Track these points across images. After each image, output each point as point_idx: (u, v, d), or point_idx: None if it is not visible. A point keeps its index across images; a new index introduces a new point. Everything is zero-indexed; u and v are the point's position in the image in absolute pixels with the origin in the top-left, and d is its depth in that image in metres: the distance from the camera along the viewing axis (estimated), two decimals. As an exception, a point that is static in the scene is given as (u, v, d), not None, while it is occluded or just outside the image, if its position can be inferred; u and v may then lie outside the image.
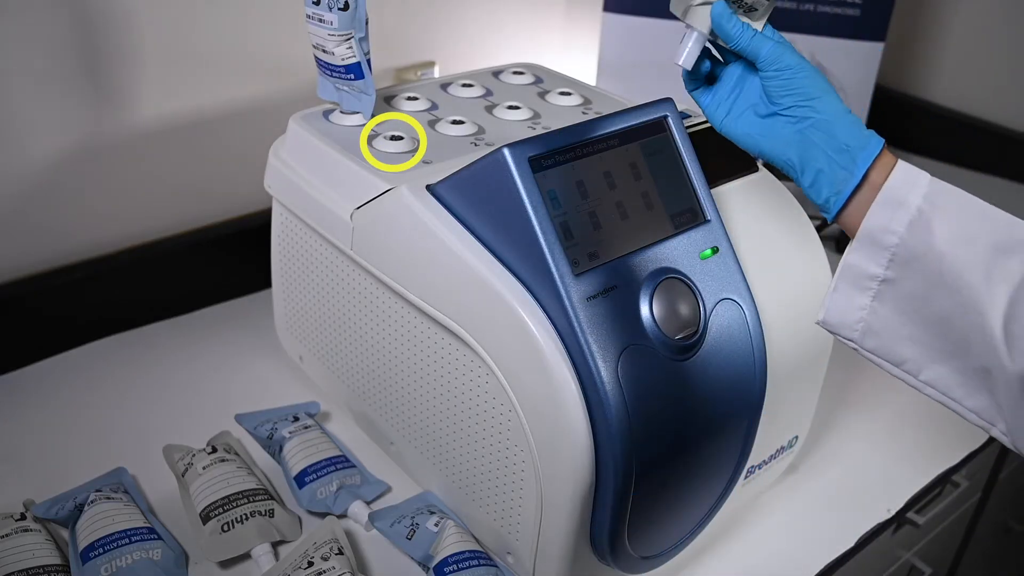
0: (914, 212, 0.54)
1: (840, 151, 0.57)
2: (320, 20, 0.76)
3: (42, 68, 0.91)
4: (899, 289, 0.55)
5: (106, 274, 1.02)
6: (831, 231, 1.30)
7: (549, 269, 0.62)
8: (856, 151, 0.57)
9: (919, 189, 0.54)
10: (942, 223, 0.53)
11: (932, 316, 0.54)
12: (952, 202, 0.54)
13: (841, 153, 0.57)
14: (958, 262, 0.52)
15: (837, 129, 0.57)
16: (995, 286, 0.50)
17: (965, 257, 0.52)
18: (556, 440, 0.63)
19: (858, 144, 0.57)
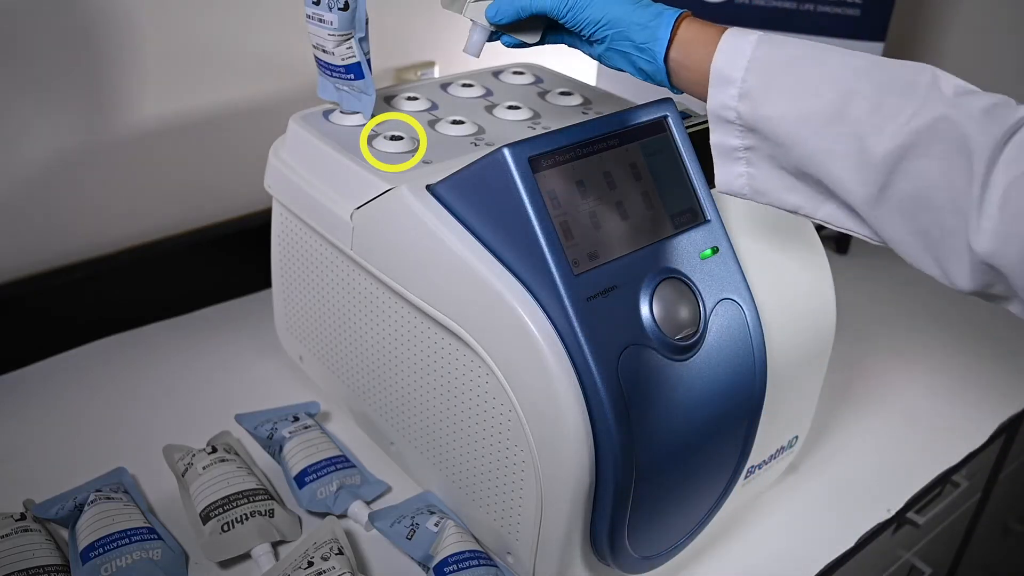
0: (740, 86, 0.58)
1: (641, 51, 0.64)
2: (320, 20, 0.76)
3: (42, 68, 0.91)
4: (762, 151, 0.60)
5: (106, 274, 1.02)
6: (831, 231, 1.30)
7: (549, 269, 0.62)
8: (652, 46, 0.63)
9: (741, 61, 0.58)
10: (766, 90, 0.57)
11: (798, 168, 0.58)
12: (771, 65, 0.58)
13: (643, 51, 0.64)
14: (787, 121, 0.56)
15: (632, 33, 0.63)
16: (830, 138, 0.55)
17: (795, 113, 0.56)
18: (556, 440, 0.63)
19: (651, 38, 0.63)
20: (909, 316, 1.18)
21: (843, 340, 0.94)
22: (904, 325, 1.16)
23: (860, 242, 1.33)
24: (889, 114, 0.53)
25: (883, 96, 0.54)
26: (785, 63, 0.57)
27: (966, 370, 1.08)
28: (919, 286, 1.24)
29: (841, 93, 0.55)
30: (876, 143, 0.53)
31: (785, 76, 0.57)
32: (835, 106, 0.55)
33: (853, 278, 1.24)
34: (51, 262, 1.00)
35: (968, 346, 1.12)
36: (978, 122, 0.51)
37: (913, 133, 0.52)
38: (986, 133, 0.50)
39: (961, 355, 1.11)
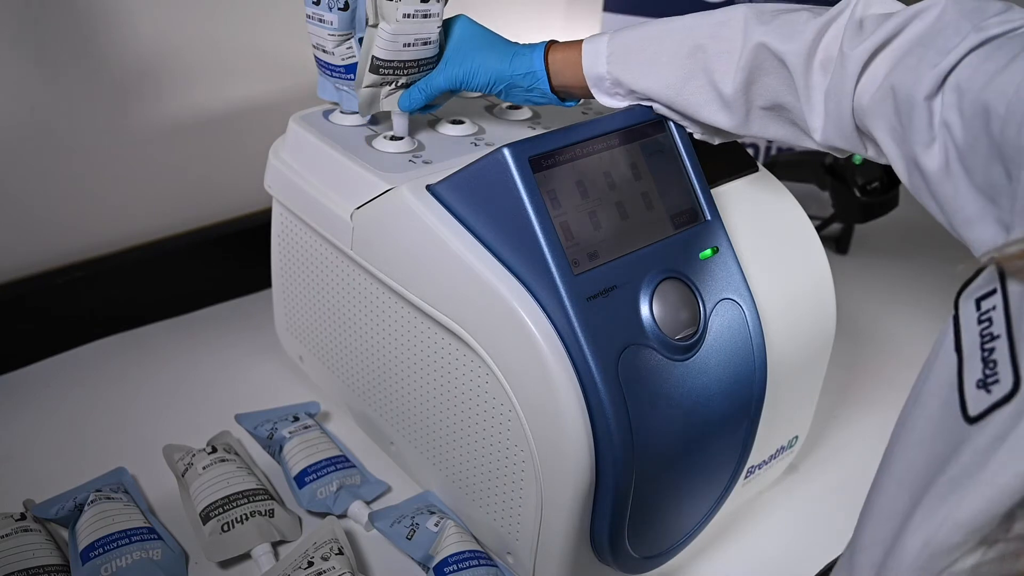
0: (608, 77, 0.71)
1: (531, 91, 0.75)
2: (320, 20, 0.76)
3: (42, 69, 0.91)
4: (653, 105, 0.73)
5: (106, 274, 1.02)
6: (831, 231, 1.30)
7: (549, 269, 0.62)
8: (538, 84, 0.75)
9: (601, 59, 0.71)
10: (630, 73, 0.70)
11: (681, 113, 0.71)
12: (624, 54, 0.70)
13: (532, 91, 0.75)
14: (655, 89, 0.70)
15: (517, 82, 0.75)
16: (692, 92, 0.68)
17: (659, 84, 0.69)
18: (556, 440, 0.63)
19: (534, 80, 0.75)
20: (909, 316, 1.18)
21: (843, 340, 0.94)
22: (904, 325, 1.16)
23: (860, 242, 1.33)
24: (724, 59, 0.66)
25: (717, 43, 0.66)
26: (635, 48, 0.70)
27: (966, 370, 1.08)
28: (919, 286, 1.24)
29: (686, 55, 0.68)
30: (724, 85, 0.66)
31: (639, 59, 0.69)
32: (685, 68, 0.68)
33: (853, 278, 1.24)
34: (51, 262, 1.00)
35: (968, 346, 1.12)
36: (786, 40, 0.63)
37: (747, 67, 0.65)
38: (795, 52, 0.63)
39: (961, 355, 1.10)
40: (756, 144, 1.34)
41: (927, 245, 1.36)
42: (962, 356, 0.43)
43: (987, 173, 0.52)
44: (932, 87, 0.55)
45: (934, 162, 0.56)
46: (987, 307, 0.43)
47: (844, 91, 0.61)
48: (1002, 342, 0.41)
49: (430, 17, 0.73)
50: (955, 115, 0.54)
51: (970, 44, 0.54)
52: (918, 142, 0.57)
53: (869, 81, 0.60)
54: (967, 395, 0.42)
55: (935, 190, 0.57)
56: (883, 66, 0.59)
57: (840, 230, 1.31)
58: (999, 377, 0.40)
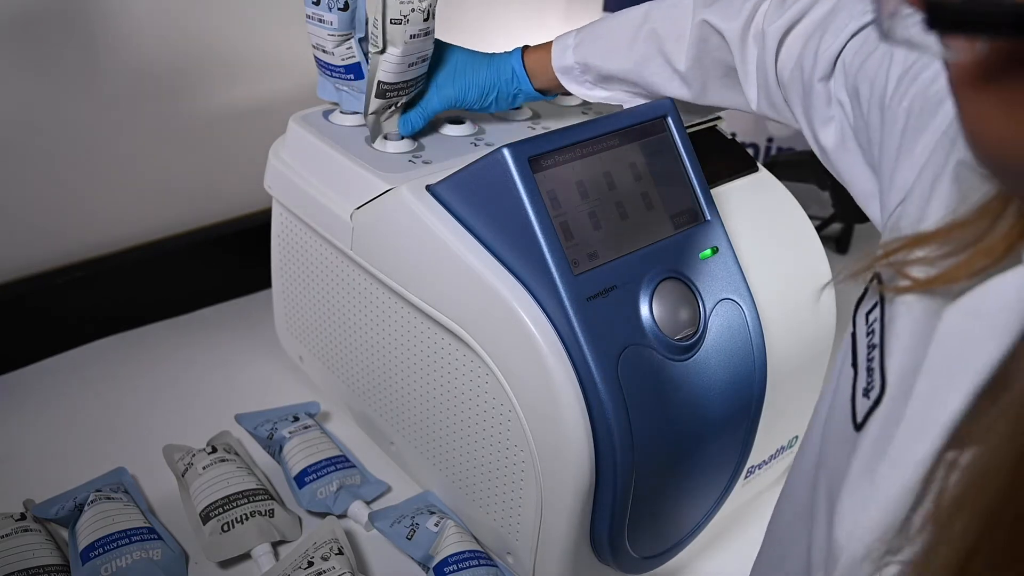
0: (576, 67, 0.76)
1: (518, 95, 0.80)
2: (320, 20, 0.76)
3: (42, 69, 0.91)
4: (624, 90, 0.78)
5: (106, 274, 1.02)
6: (831, 231, 1.30)
7: (549, 269, 0.62)
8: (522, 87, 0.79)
9: (568, 52, 0.76)
10: (595, 60, 0.75)
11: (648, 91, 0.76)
12: (587, 46, 0.75)
13: (519, 95, 0.80)
14: (621, 72, 0.75)
15: (504, 88, 0.79)
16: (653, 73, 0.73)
17: (622, 68, 0.74)
18: (556, 440, 0.63)
19: (518, 83, 0.79)
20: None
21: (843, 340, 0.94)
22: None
23: (860, 242, 1.33)
24: (675, 39, 0.71)
25: (667, 27, 0.71)
26: (598, 36, 0.75)
27: (966, 370, 1.08)
28: (919, 286, 1.24)
29: (643, 39, 0.72)
30: (678, 63, 0.71)
31: (601, 45, 0.74)
32: (643, 51, 0.73)
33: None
34: (51, 262, 1.00)
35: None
36: (726, 18, 0.67)
37: (695, 43, 0.70)
38: (733, 29, 0.67)
39: (961, 355, 1.10)
40: (756, 144, 1.34)
41: (927, 245, 1.35)
42: (856, 370, 0.44)
43: (870, 151, 0.55)
44: (826, 68, 0.59)
45: (830, 139, 0.60)
46: (872, 319, 0.45)
47: (768, 65, 0.66)
48: (877, 350, 0.43)
49: (430, 35, 0.75)
50: (845, 95, 0.58)
51: (856, 26, 0.58)
52: (818, 120, 0.61)
53: (786, 57, 0.64)
54: (856, 405, 0.43)
55: (836, 166, 0.61)
56: (796, 44, 0.63)
57: (840, 230, 1.31)
58: (874, 383, 0.42)
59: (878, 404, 0.41)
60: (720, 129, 0.83)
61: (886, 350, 0.42)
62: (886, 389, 0.40)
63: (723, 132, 0.83)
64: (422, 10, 0.72)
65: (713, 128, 0.82)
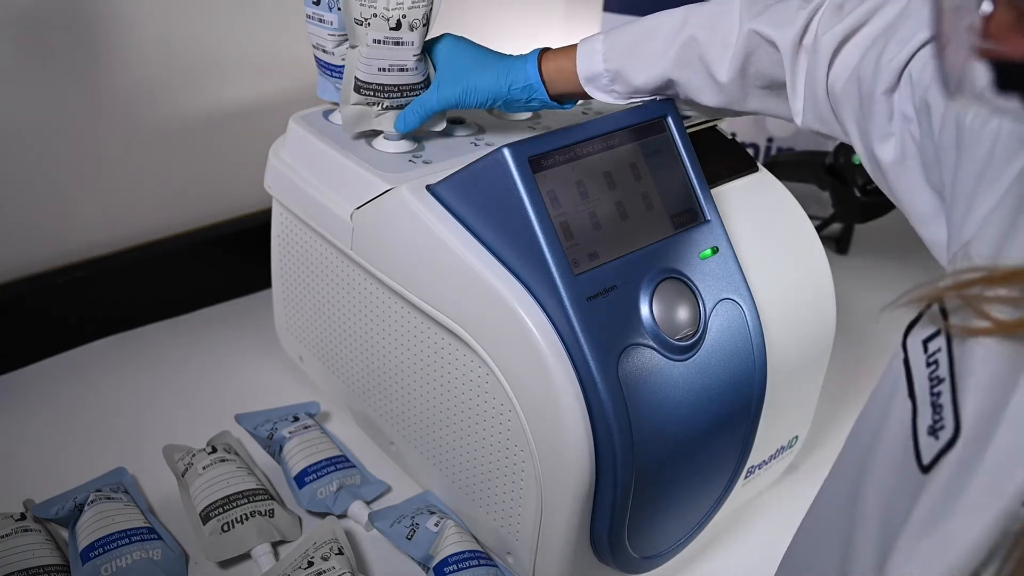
0: (605, 75, 0.72)
1: (531, 102, 0.75)
2: (320, 20, 0.76)
3: (43, 69, 0.91)
4: None
5: (106, 274, 1.02)
6: (831, 231, 1.30)
7: (549, 269, 0.62)
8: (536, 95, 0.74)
9: (598, 58, 0.71)
10: (627, 70, 0.70)
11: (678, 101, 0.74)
12: (620, 51, 0.71)
13: (532, 101, 0.75)
14: (653, 83, 0.70)
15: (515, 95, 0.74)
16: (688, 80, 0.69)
17: (656, 77, 0.70)
18: (556, 440, 0.63)
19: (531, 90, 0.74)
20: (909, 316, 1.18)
21: (843, 340, 0.94)
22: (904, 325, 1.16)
23: (860, 242, 1.33)
24: (718, 48, 0.66)
25: (711, 33, 0.67)
26: (631, 43, 0.70)
27: (966, 370, 1.08)
28: (919, 286, 1.24)
29: (681, 46, 0.68)
30: (720, 72, 0.67)
31: (635, 52, 0.70)
32: (680, 58, 0.68)
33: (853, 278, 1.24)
34: (51, 262, 1.00)
35: (968, 346, 1.12)
36: (777, 27, 0.64)
37: (741, 53, 0.66)
38: (786, 37, 0.63)
39: (961, 355, 1.10)
40: (756, 144, 1.34)
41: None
42: (915, 403, 0.42)
43: (936, 171, 0.51)
44: (891, 81, 0.55)
45: (889, 155, 0.56)
46: (934, 349, 0.42)
47: (818, 76, 0.62)
48: (946, 386, 0.40)
49: (403, 45, 0.73)
50: (911, 110, 0.54)
51: (925, 35, 0.53)
52: (876, 135, 0.57)
53: (841, 68, 0.60)
54: (920, 442, 0.40)
55: (891, 184, 0.57)
56: (854, 54, 0.59)
57: (840, 230, 1.31)
58: (944, 423, 0.39)
59: (951, 447, 0.38)
60: (720, 129, 0.83)
61: (959, 388, 0.39)
62: (961, 432, 0.38)
63: (723, 132, 0.83)
64: (386, 18, 0.71)
65: (713, 128, 0.82)
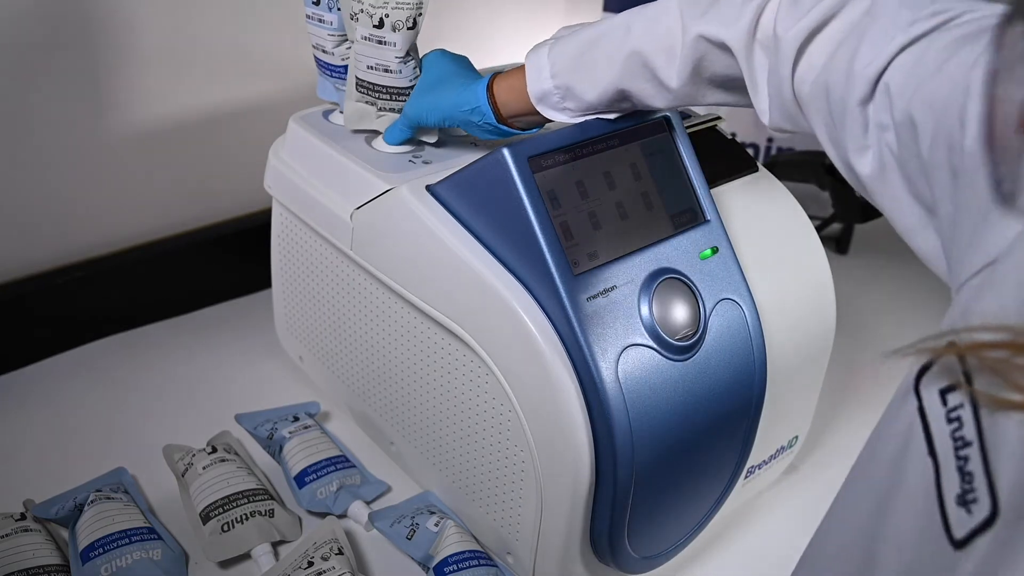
0: (555, 92, 0.68)
1: (482, 127, 0.72)
2: (320, 20, 0.76)
3: (42, 68, 0.91)
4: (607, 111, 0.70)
5: (106, 274, 1.02)
6: (831, 231, 1.30)
7: (549, 269, 0.62)
8: (487, 120, 0.71)
9: (545, 73, 0.68)
10: (575, 85, 0.67)
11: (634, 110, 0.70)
12: (566, 65, 0.67)
13: (484, 127, 0.72)
14: (606, 94, 0.67)
15: (469, 118, 0.72)
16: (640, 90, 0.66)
17: (607, 89, 0.66)
18: (556, 440, 0.63)
19: (480, 115, 0.71)
20: (909, 316, 1.18)
21: (843, 340, 0.94)
22: (904, 325, 1.16)
23: (860, 242, 1.33)
24: (664, 57, 0.63)
25: (654, 42, 0.63)
26: (577, 56, 0.67)
27: (966, 370, 1.08)
28: (919, 286, 1.24)
29: (626, 58, 0.65)
30: (670, 80, 0.64)
31: (581, 67, 0.67)
32: (628, 70, 0.65)
33: (853, 278, 1.24)
34: (51, 262, 1.00)
35: (968, 346, 1.12)
36: (724, 26, 0.60)
37: (690, 60, 0.62)
38: (736, 38, 0.59)
39: (961, 355, 1.11)
40: (756, 144, 1.34)
41: (927, 245, 1.35)
42: (938, 463, 0.38)
43: (922, 185, 0.48)
44: (865, 91, 0.51)
45: (866, 168, 0.52)
46: (954, 403, 0.37)
47: (783, 75, 0.58)
48: (975, 450, 0.36)
49: (385, 44, 0.72)
50: (888, 120, 0.50)
51: (901, 42, 0.49)
52: (851, 146, 0.53)
53: (806, 69, 0.56)
54: (949, 512, 0.37)
55: (872, 196, 0.54)
56: (820, 55, 0.55)
57: (840, 230, 1.31)
58: (977, 495, 0.35)
59: (988, 526, 0.35)
60: (720, 129, 0.83)
61: (991, 458, 0.35)
62: (1000, 512, 0.34)
63: (723, 132, 0.83)
64: (370, 15, 0.71)
65: (713, 128, 0.82)
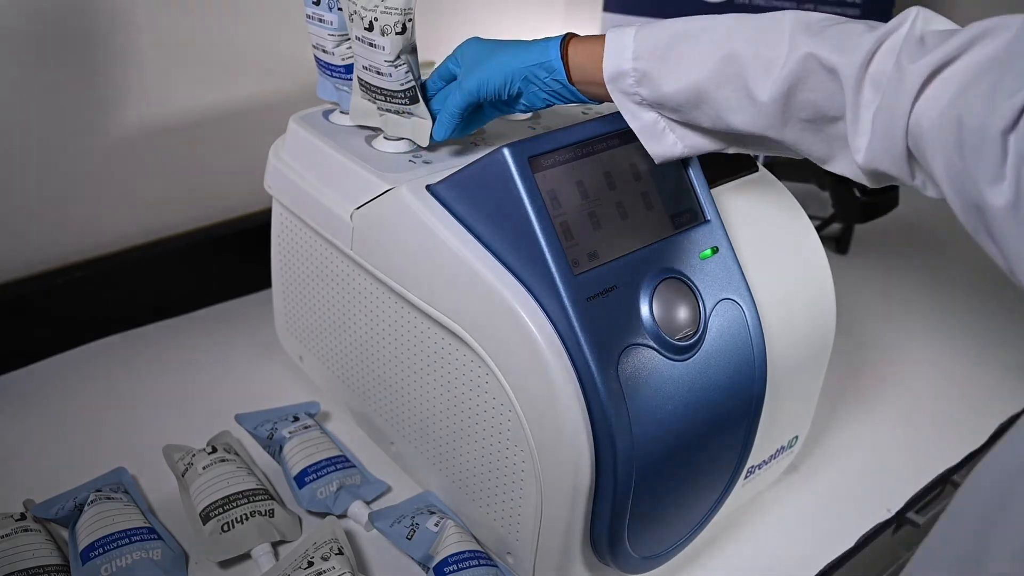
0: (632, 75, 0.65)
1: (549, 86, 0.69)
2: (320, 20, 0.76)
3: (42, 68, 0.91)
4: (676, 119, 0.67)
5: (106, 274, 1.02)
6: (831, 231, 1.30)
7: (549, 269, 0.62)
8: (556, 77, 0.68)
9: (627, 53, 0.65)
10: (657, 72, 0.64)
11: (711, 124, 0.66)
12: (653, 50, 0.64)
13: (551, 85, 0.69)
14: (683, 93, 0.64)
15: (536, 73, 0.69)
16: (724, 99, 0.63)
17: (687, 87, 0.63)
18: (556, 440, 0.63)
19: (550, 70, 0.68)
20: (909, 316, 1.18)
21: (843, 340, 0.95)
22: (904, 325, 1.16)
23: (860, 242, 1.33)
24: (763, 67, 0.60)
25: (757, 49, 0.61)
26: (666, 46, 0.64)
27: (966, 370, 1.08)
28: (919, 286, 1.24)
29: (720, 59, 0.62)
30: (760, 92, 0.61)
31: (668, 57, 0.64)
32: (719, 71, 0.62)
33: (853, 278, 1.24)
34: (51, 262, 1.00)
35: (968, 346, 1.12)
36: (838, 51, 0.57)
37: (789, 77, 0.59)
38: (849, 64, 0.57)
39: (961, 354, 1.11)
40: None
41: (927, 245, 1.36)
42: None
43: None
44: (1009, 119, 0.49)
45: (1000, 199, 0.50)
46: None
47: (898, 110, 0.55)
48: None
49: (375, 48, 0.72)
50: None
51: None
52: (984, 177, 0.51)
53: (930, 104, 0.54)
54: None
55: (997, 231, 0.51)
56: (947, 89, 0.53)
57: (840, 230, 1.31)
58: None
59: None
60: (720, 129, 0.83)
61: None
62: None
63: (723, 132, 0.83)
64: (362, 16, 0.71)
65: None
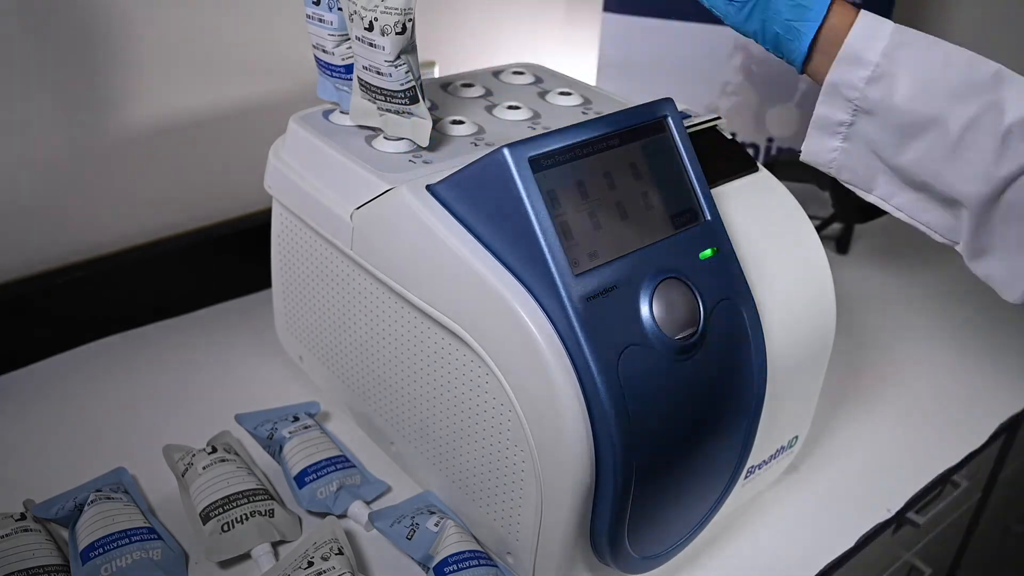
0: (872, 69, 0.57)
1: (787, 28, 0.61)
2: (320, 20, 0.76)
3: (42, 68, 0.91)
4: (865, 133, 0.60)
5: (106, 274, 1.02)
6: (831, 231, 1.30)
7: (549, 269, 0.62)
8: (800, 26, 0.60)
9: (878, 44, 0.57)
10: (900, 77, 0.56)
11: (898, 156, 0.58)
12: (911, 55, 0.56)
13: (795, 7, 0.60)
14: (915, 114, 0.56)
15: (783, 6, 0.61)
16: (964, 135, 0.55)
17: (922, 110, 0.55)
18: (556, 440, 0.63)
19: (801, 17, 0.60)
20: (909, 316, 1.18)
21: (843, 340, 0.95)
22: (904, 325, 1.16)
23: (860, 242, 1.33)
24: None
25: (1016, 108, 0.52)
26: (919, 55, 0.56)
27: (966, 370, 1.08)
28: (919, 286, 1.24)
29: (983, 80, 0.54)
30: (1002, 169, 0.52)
31: (922, 67, 0.56)
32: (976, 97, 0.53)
33: (853, 278, 1.24)
34: (51, 262, 1.00)
35: (968, 346, 1.12)
36: None
37: None
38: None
39: (961, 355, 1.11)
40: (756, 144, 1.34)
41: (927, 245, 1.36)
42: None
43: None
44: None
45: None
46: None
47: None
48: None
49: (376, 48, 0.72)
50: None
51: None
52: None
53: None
54: None
55: None
56: None
57: (840, 230, 1.31)
58: None
59: None
60: (720, 129, 0.83)
61: None
62: None
63: (723, 132, 0.83)
64: (362, 16, 0.71)
65: (713, 128, 0.82)
